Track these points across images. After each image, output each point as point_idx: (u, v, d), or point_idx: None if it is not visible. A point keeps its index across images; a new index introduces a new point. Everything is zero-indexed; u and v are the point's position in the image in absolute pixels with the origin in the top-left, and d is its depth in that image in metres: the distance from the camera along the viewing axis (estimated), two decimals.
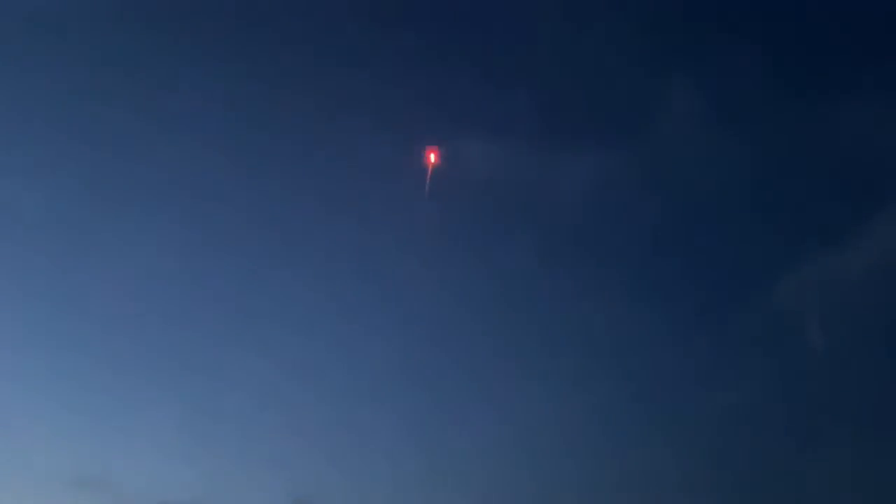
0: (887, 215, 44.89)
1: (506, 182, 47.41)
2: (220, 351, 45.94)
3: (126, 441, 43.56)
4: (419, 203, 45.25)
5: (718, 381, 44.33)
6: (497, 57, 49.05)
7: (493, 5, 49.90)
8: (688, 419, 43.87)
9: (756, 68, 48.46)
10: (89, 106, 46.70)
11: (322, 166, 48.51)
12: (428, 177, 44.54)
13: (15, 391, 44.41)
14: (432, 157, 44.58)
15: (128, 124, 47.23)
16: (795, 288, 45.11)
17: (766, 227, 47.45)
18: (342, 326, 46.61)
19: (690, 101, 48.33)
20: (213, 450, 43.97)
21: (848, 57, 47.96)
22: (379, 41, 49.02)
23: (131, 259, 46.85)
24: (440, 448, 44.20)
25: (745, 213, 48.13)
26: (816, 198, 46.81)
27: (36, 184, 46.48)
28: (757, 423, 43.39)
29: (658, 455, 43.14)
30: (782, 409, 43.00)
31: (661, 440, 43.56)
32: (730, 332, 45.31)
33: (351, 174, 47.84)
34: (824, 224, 46.20)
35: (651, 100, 48.64)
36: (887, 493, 39.77)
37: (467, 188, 46.26)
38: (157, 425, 44.16)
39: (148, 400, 44.81)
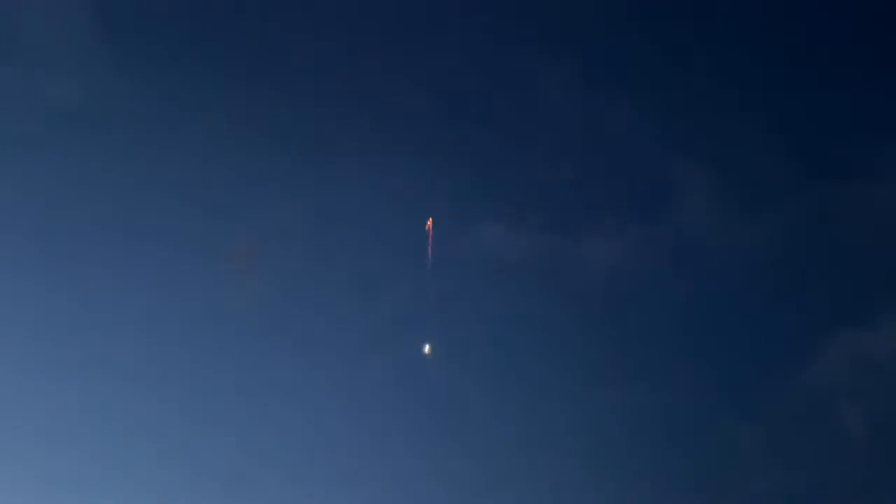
0: None
1: (526, 266, 46.36)
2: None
3: None
4: (439, 286, 44.15)
5: (754, 467, 41.70)
6: (514, 139, 48.60)
7: (510, 87, 49.70)
8: None
9: (779, 150, 47.93)
10: None
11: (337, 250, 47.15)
12: (429, 250, 43.12)
13: None
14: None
15: None
16: (827, 369, 43.17)
17: (794, 308, 45.87)
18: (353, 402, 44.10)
19: (712, 182, 47.46)
20: None
21: (871, 138, 47.56)
22: (392, 125, 48.57)
23: None
24: None
25: (772, 293, 46.39)
26: (844, 277, 45.51)
27: None
28: None
29: None
30: (818, 491, 40.41)
31: None
32: (761, 415, 42.93)
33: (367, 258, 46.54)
34: (853, 304, 44.70)
35: (673, 181, 47.76)
36: None
37: (488, 272, 45.37)
38: None
39: None
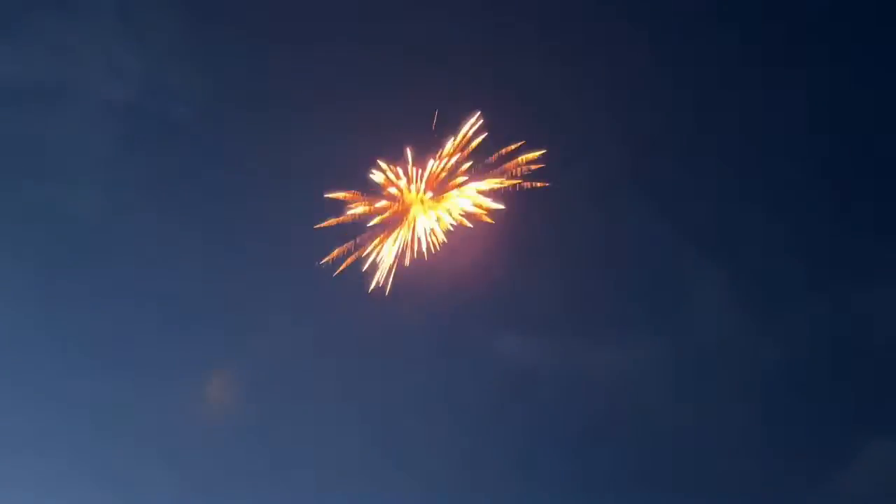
0: None
1: (543, 376, 47.69)
2: None
3: None
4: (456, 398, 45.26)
5: None
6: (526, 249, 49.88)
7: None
8: None
9: (801, 255, 48.22)
10: None
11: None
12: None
13: None
14: None
15: None
16: (857, 478, 43.56)
17: (822, 415, 46.23)
18: None
19: (733, 287, 47.72)
20: None
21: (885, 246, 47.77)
22: None
23: None
24: None
25: (798, 401, 46.86)
26: (871, 384, 45.90)
27: None
28: None
29: None
30: None
31: None
32: None
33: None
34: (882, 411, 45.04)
35: (693, 286, 48.20)
36: None
37: (503, 382, 46.52)
38: None
39: None
